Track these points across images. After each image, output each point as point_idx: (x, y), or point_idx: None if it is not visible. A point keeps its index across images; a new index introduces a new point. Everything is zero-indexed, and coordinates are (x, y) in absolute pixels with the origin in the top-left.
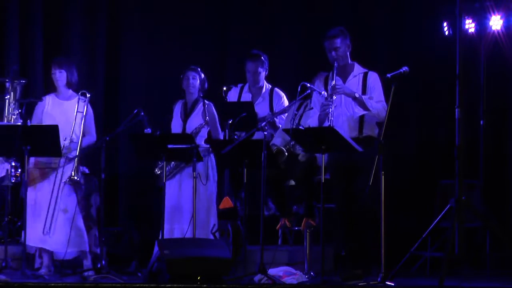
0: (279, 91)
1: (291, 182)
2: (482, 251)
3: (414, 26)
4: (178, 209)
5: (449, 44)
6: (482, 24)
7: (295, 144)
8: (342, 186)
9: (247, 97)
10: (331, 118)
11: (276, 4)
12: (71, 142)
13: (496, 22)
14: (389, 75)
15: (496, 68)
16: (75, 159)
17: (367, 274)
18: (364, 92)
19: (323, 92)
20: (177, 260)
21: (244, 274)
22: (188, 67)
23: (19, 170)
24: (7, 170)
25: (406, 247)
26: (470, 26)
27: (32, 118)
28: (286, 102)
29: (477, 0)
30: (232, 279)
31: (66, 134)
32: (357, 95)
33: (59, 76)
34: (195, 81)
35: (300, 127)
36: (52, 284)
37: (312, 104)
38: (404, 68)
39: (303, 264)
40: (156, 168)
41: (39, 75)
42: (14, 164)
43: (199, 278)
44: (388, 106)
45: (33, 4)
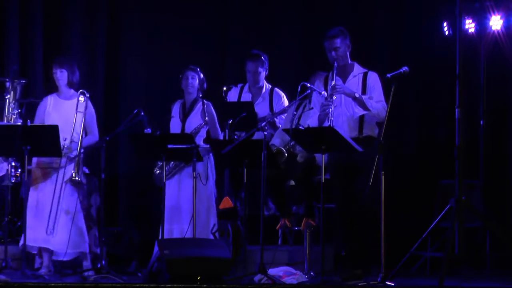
0: (279, 91)
1: (291, 182)
2: (482, 251)
3: (414, 26)
4: (177, 209)
5: (449, 44)
6: (482, 24)
7: (295, 144)
8: (342, 186)
9: (247, 97)
10: (331, 118)
11: (276, 4)
12: (72, 142)
13: (496, 22)
14: (389, 75)
15: (496, 68)
16: (76, 159)
17: (367, 274)
18: (364, 92)
19: (323, 92)
20: (177, 260)
21: (244, 274)
22: (187, 67)
23: (19, 170)
24: (7, 170)
25: (406, 247)
26: (470, 26)
27: (34, 118)
28: (286, 102)
29: (477, 0)
30: (232, 279)
31: (67, 133)
32: (357, 95)
33: (60, 75)
34: (194, 80)
35: (300, 127)
36: (52, 284)
37: (312, 104)
38: (404, 68)
39: (303, 264)
40: (156, 168)
41: (39, 75)
42: (14, 164)
43: (199, 278)
44: (388, 106)
45: (33, 4)
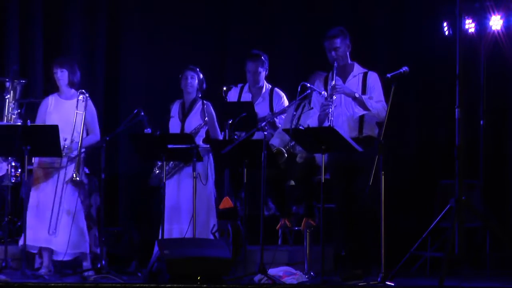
0: (279, 91)
1: (291, 182)
2: (482, 251)
3: (414, 26)
4: (176, 209)
5: (449, 44)
6: (482, 24)
7: (295, 144)
8: (342, 186)
9: (247, 97)
10: (331, 118)
11: (276, 4)
12: (72, 142)
13: (496, 22)
14: (389, 75)
15: (496, 68)
16: (75, 159)
17: (367, 274)
18: (364, 92)
19: (323, 92)
20: (177, 260)
21: (244, 274)
22: (187, 67)
23: (19, 170)
24: (7, 170)
25: (406, 247)
26: (470, 26)
27: (36, 118)
28: (286, 102)
29: (477, 0)
30: (232, 279)
31: (68, 133)
32: (357, 95)
33: (61, 75)
34: (193, 80)
35: (300, 127)
36: (52, 284)
37: (312, 104)
38: (404, 68)
39: (303, 264)
40: (155, 168)
41: (39, 75)
42: (14, 164)
43: (199, 278)
44: (388, 106)
45: (33, 4)
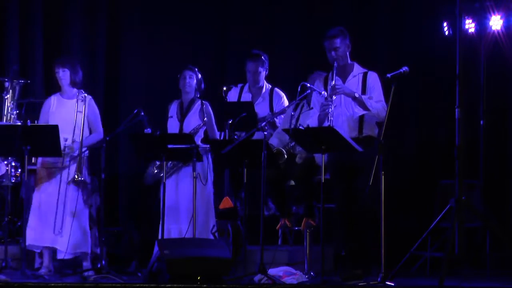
0: (279, 91)
1: (291, 182)
2: (482, 251)
3: (414, 26)
4: (175, 209)
5: (449, 44)
6: (482, 24)
7: (295, 145)
8: (342, 186)
9: (247, 97)
10: (331, 118)
11: (276, 4)
12: (74, 141)
13: (496, 22)
14: (389, 75)
15: (496, 68)
16: (77, 159)
17: (367, 274)
18: (364, 92)
19: (323, 92)
20: (177, 260)
21: (244, 274)
22: (186, 67)
23: (19, 170)
24: (7, 170)
25: (406, 247)
26: (470, 26)
27: (39, 118)
28: (286, 102)
29: (477, 0)
30: (232, 279)
31: (71, 133)
32: (356, 95)
33: (63, 75)
34: (191, 80)
35: (300, 127)
36: (52, 284)
37: (312, 104)
38: (404, 68)
39: (303, 264)
40: (154, 167)
41: (39, 75)
42: (14, 164)
43: (199, 278)
44: (388, 106)
45: (33, 4)
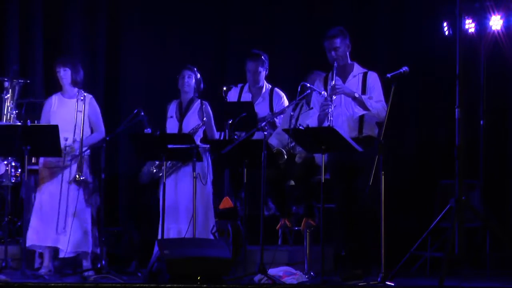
0: (279, 91)
1: (291, 182)
2: (482, 251)
3: (414, 26)
4: (174, 208)
5: (449, 44)
6: (482, 24)
7: (295, 145)
8: (342, 186)
9: (247, 97)
10: (331, 118)
11: (276, 4)
12: (75, 141)
13: (496, 22)
14: (389, 75)
15: (496, 68)
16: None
17: (367, 274)
18: (364, 92)
19: (323, 92)
20: (177, 260)
21: (244, 274)
22: (184, 66)
23: (19, 170)
24: (7, 170)
25: (406, 247)
26: (470, 26)
27: (40, 118)
28: (286, 102)
29: (477, 0)
30: (232, 279)
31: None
32: (356, 95)
33: (64, 74)
34: (190, 80)
35: (300, 127)
36: (52, 284)
37: (312, 104)
38: (404, 68)
39: (303, 264)
40: (152, 167)
41: (39, 75)
42: (14, 164)
43: (199, 278)
44: (388, 106)
45: (33, 4)
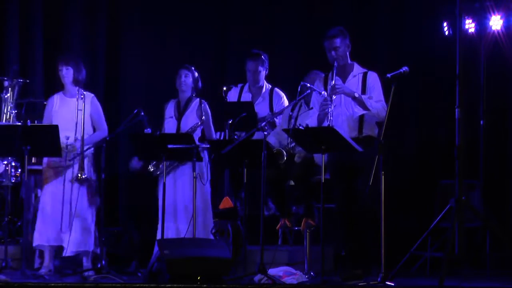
0: (279, 91)
1: (291, 182)
2: (482, 251)
3: (414, 26)
4: (172, 207)
5: (449, 44)
6: (482, 24)
7: (295, 145)
8: (342, 186)
9: (247, 97)
10: (331, 118)
11: (276, 4)
12: (76, 140)
13: (496, 22)
14: (389, 75)
15: (496, 68)
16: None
17: (367, 274)
18: (364, 92)
19: (323, 92)
20: (177, 260)
21: (244, 274)
22: (182, 65)
23: (19, 170)
24: (7, 169)
25: (406, 247)
26: (470, 26)
27: (43, 118)
28: (286, 102)
29: (477, 0)
30: (232, 279)
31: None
32: (356, 95)
33: (66, 73)
34: (187, 79)
35: (300, 127)
36: (52, 284)
37: (312, 104)
38: (404, 68)
39: (303, 264)
40: (150, 166)
41: (39, 75)
42: (14, 164)
43: (199, 278)
44: (388, 106)
45: (33, 4)
